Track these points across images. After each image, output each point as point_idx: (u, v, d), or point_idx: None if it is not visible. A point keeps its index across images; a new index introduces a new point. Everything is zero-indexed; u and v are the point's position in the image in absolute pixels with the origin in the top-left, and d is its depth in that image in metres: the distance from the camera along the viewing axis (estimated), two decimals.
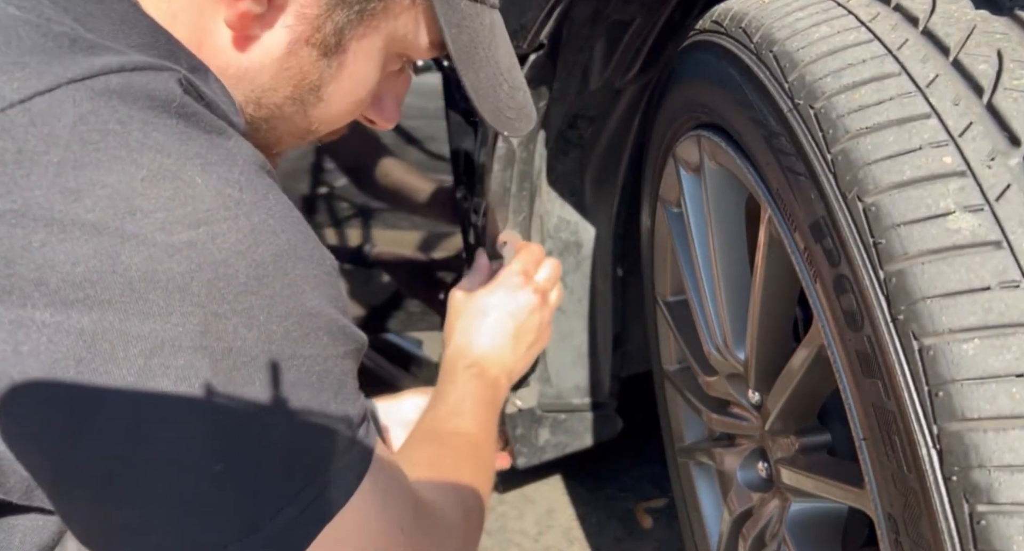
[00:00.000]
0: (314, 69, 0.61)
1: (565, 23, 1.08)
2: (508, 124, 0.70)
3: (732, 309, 0.98)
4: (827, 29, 0.70)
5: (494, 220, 1.25)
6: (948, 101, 0.60)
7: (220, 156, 0.46)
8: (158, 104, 0.44)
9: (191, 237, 0.43)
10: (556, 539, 1.63)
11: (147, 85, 0.44)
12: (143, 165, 0.43)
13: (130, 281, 0.41)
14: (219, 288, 0.44)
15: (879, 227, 0.59)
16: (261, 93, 0.60)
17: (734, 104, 0.81)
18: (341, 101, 0.64)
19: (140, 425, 0.43)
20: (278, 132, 0.65)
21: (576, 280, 1.39)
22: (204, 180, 0.44)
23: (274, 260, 0.47)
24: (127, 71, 0.44)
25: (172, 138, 0.44)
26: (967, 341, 0.54)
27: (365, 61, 0.63)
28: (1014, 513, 0.51)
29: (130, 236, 0.42)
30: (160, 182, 0.43)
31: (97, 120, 0.42)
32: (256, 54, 0.58)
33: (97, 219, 0.41)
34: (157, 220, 0.42)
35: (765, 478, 1.03)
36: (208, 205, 0.44)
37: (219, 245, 0.44)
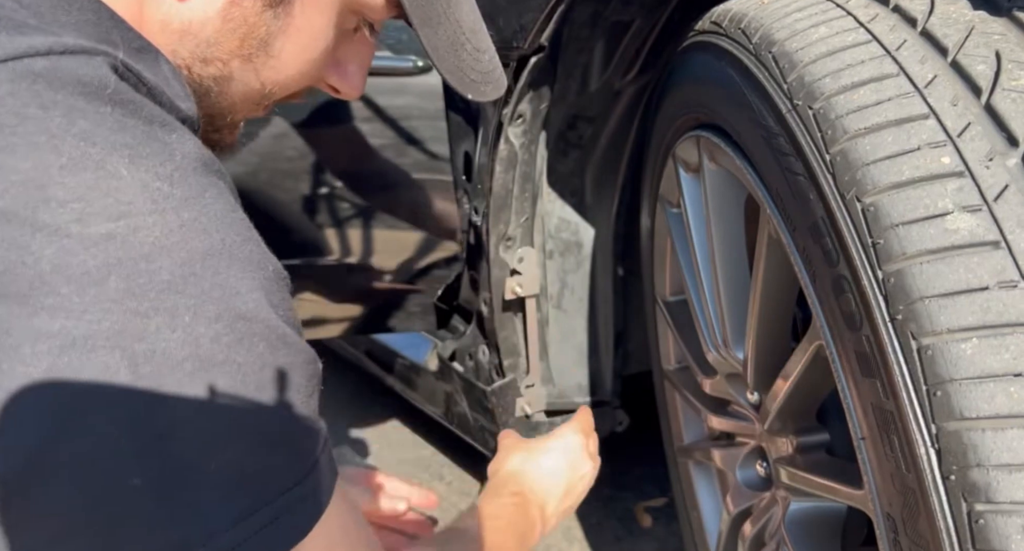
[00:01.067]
0: (259, 21, 0.57)
1: (565, 25, 1.08)
2: (472, 87, 0.67)
3: (731, 309, 0.98)
4: (826, 30, 0.70)
5: (494, 221, 1.25)
6: (946, 102, 0.61)
7: (154, 149, 0.43)
8: (89, 90, 0.42)
9: (110, 229, 0.40)
10: (556, 539, 1.64)
11: (76, 70, 0.42)
12: (63, 153, 0.40)
13: (40, 273, 0.38)
14: (140, 284, 0.40)
15: (878, 227, 0.59)
16: (206, 48, 0.57)
17: (733, 105, 0.81)
18: (294, 59, 0.61)
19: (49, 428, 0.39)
20: (230, 95, 0.61)
21: (577, 280, 1.40)
22: (130, 172, 0.41)
23: (204, 258, 0.43)
24: (55, 54, 0.41)
25: (101, 127, 0.41)
26: (965, 341, 0.54)
27: (315, 14, 0.60)
28: (1012, 512, 0.52)
29: (42, 226, 0.39)
30: (80, 171, 0.40)
31: (15, 103, 0.39)
32: (197, 4, 0.55)
33: (7, 206, 0.38)
34: (74, 210, 0.39)
35: (764, 477, 1.03)
36: (131, 197, 0.41)
37: (141, 239, 0.41)
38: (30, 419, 0.39)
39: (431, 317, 1.52)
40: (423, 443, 2.01)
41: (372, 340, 1.81)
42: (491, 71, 0.69)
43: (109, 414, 0.40)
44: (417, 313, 1.52)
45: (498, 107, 1.16)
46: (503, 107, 1.16)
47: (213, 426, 0.42)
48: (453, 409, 1.59)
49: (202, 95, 0.59)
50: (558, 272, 1.38)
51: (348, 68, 0.68)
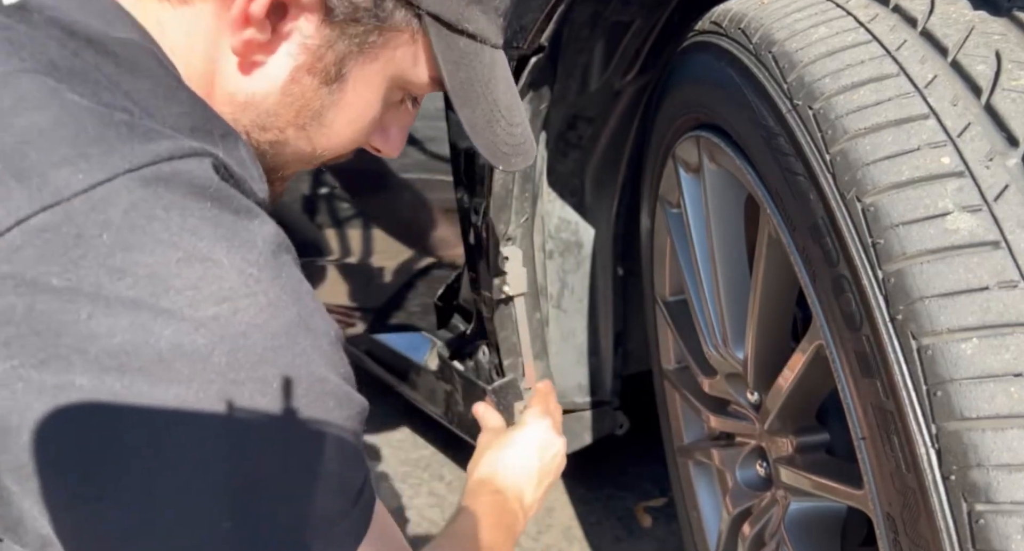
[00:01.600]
0: (315, 96, 0.64)
1: (565, 25, 1.08)
2: (504, 159, 0.73)
3: (731, 309, 0.98)
4: (826, 30, 0.70)
5: (495, 221, 1.25)
6: (947, 102, 0.61)
7: (244, 238, 0.51)
8: (197, 190, 0.49)
9: (216, 312, 0.48)
10: (556, 538, 1.64)
11: (190, 172, 0.50)
12: (180, 247, 0.48)
13: (159, 352, 0.46)
14: (238, 358, 0.48)
15: (878, 227, 0.59)
16: (266, 118, 0.64)
17: (733, 105, 0.81)
18: (343, 129, 0.68)
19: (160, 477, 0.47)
20: (283, 156, 0.68)
21: (577, 280, 1.40)
22: (229, 260, 0.49)
23: (286, 332, 0.51)
24: (175, 159, 0.49)
25: (205, 222, 0.49)
26: (965, 341, 0.54)
27: (365, 91, 0.67)
28: (1012, 512, 0.52)
29: (163, 311, 0.46)
30: (193, 263, 0.48)
31: (145, 206, 0.47)
32: (260, 80, 0.62)
33: (136, 296, 0.46)
34: (187, 297, 0.47)
35: (764, 477, 1.03)
36: (231, 283, 0.49)
37: (239, 319, 0.49)
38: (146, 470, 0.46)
39: (431, 317, 1.52)
40: (423, 443, 2.01)
41: (372, 340, 1.81)
42: (521, 143, 0.75)
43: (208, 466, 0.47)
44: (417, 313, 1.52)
45: None
46: None
47: (293, 475, 0.51)
48: (453, 409, 1.59)
49: (258, 155, 0.65)
50: (558, 272, 1.38)
51: (391, 132, 0.75)
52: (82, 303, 0.45)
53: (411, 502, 1.78)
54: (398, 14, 0.63)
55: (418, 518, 1.73)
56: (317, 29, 0.61)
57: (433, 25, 0.64)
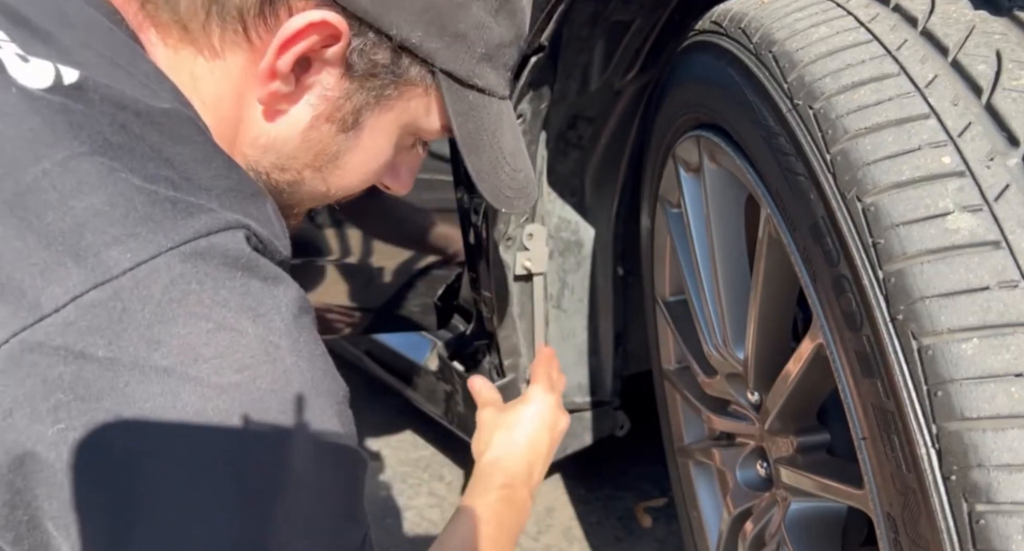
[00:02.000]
0: (333, 142, 0.69)
1: (565, 24, 1.08)
2: (506, 202, 0.78)
3: (732, 309, 0.98)
4: (826, 30, 0.70)
5: (495, 221, 1.25)
6: (947, 101, 0.61)
7: (268, 306, 0.55)
8: (230, 261, 0.54)
9: (238, 380, 0.52)
10: (556, 538, 1.64)
11: (224, 246, 0.54)
12: (211, 319, 0.52)
13: (184, 416, 0.50)
14: (254, 422, 0.53)
15: (878, 227, 0.59)
16: (285, 160, 0.69)
17: (733, 104, 0.81)
18: (356, 171, 0.73)
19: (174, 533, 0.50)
20: (299, 195, 0.74)
21: (577, 279, 1.40)
22: (253, 330, 0.54)
23: (298, 397, 0.55)
24: (212, 234, 0.54)
25: (234, 293, 0.53)
26: (966, 341, 0.54)
27: (380, 138, 0.71)
28: (1013, 512, 0.51)
29: (191, 378, 0.51)
30: (221, 333, 0.52)
31: (183, 281, 0.51)
32: (283, 126, 0.67)
33: (169, 364, 0.50)
34: (214, 366, 0.51)
35: (764, 478, 1.03)
36: (253, 351, 0.53)
37: (258, 385, 0.53)
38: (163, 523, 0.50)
39: (431, 317, 1.52)
40: (423, 443, 2.01)
41: (372, 340, 1.81)
42: (524, 187, 0.79)
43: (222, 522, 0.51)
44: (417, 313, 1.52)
45: None
46: None
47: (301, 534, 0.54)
48: (453, 409, 1.59)
49: (276, 194, 0.71)
50: (558, 272, 1.38)
51: (401, 171, 0.80)
52: (121, 372, 0.49)
53: (411, 502, 1.78)
54: (413, 70, 0.67)
55: (418, 518, 1.73)
56: (338, 82, 0.65)
57: (445, 80, 0.68)
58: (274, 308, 0.56)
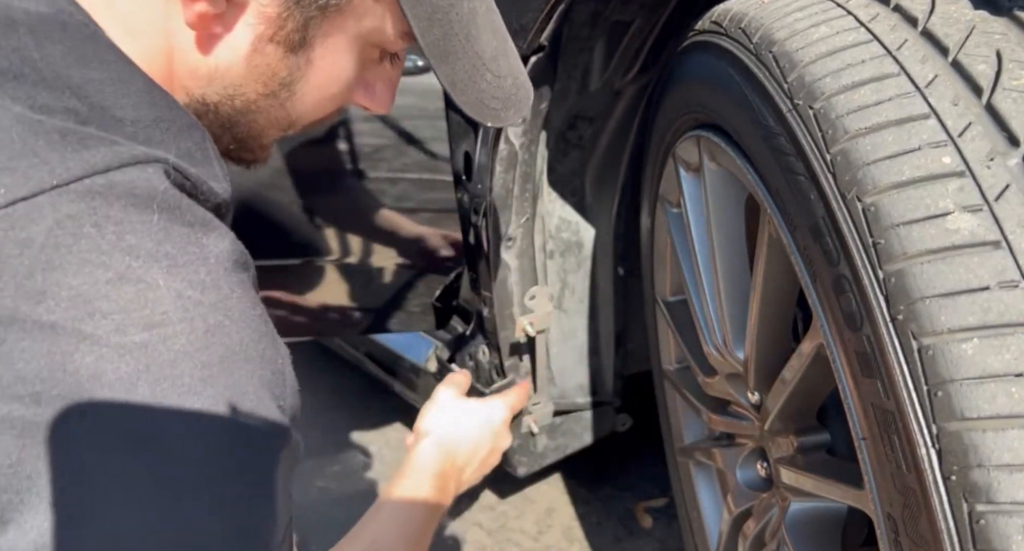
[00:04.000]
0: (282, 65, 0.61)
1: (565, 24, 1.08)
2: (492, 115, 0.68)
3: (732, 309, 0.98)
4: (826, 29, 0.70)
5: (495, 221, 1.25)
6: (947, 101, 0.61)
7: (191, 255, 0.48)
8: (139, 202, 0.46)
9: (144, 339, 0.44)
10: (556, 538, 1.64)
11: (131, 183, 0.46)
12: (111, 267, 0.44)
13: (79, 381, 0.43)
14: (163, 389, 0.45)
15: (878, 227, 0.59)
16: (234, 91, 0.61)
17: (733, 104, 0.81)
18: (315, 93, 0.65)
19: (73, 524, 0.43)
20: (258, 124, 0.65)
21: (577, 279, 1.40)
22: (167, 282, 0.46)
23: (221, 361, 0.48)
24: (113, 170, 0.46)
25: (145, 238, 0.46)
26: (966, 341, 0.54)
27: (336, 55, 0.63)
28: (1013, 512, 0.51)
29: (85, 337, 0.43)
30: (124, 284, 0.44)
31: (73, 224, 0.44)
32: (223, 53, 0.59)
33: (56, 320, 0.43)
34: (114, 321, 0.44)
35: (765, 478, 1.03)
36: (165, 307, 0.46)
37: (169, 346, 0.45)
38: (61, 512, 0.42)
39: (431, 317, 1.52)
40: None
41: (372, 341, 1.81)
42: (513, 94, 0.69)
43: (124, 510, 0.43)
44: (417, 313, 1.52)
45: None
46: None
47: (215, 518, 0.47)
48: None
49: (231, 126, 0.63)
50: (558, 272, 1.38)
51: (376, 88, 0.71)
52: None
53: None
54: None
55: None
56: None
57: None
58: (199, 258, 0.48)
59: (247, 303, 0.51)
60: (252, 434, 0.49)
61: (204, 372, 0.47)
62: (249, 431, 0.49)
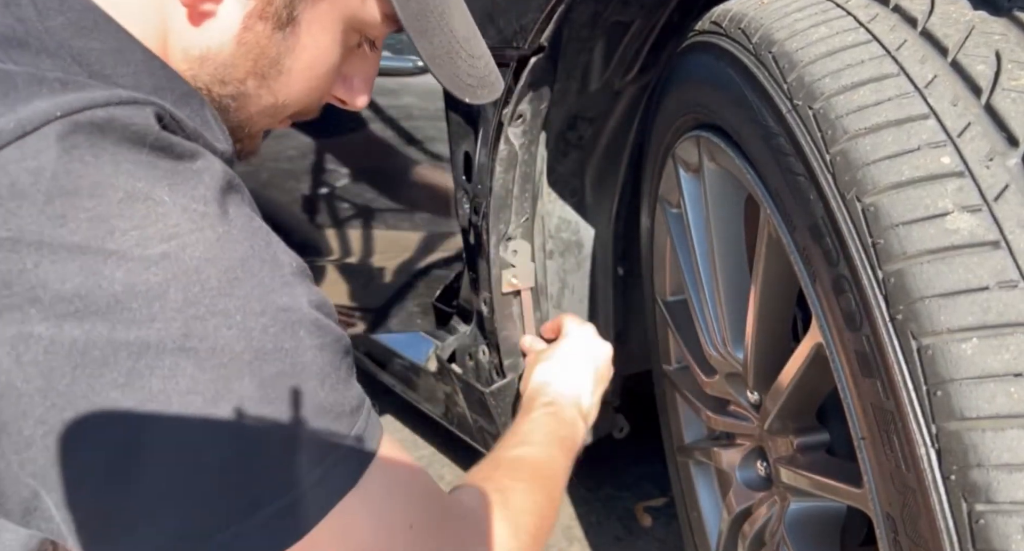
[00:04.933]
0: (270, 43, 0.64)
1: (565, 25, 1.08)
2: (469, 91, 0.72)
3: (731, 309, 0.98)
4: (826, 30, 0.70)
5: (495, 221, 1.25)
6: (946, 101, 0.61)
7: (185, 176, 0.50)
8: (134, 136, 0.48)
9: (164, 250, 0.47)
10: (556, 538, 1.64)
11: (127, 118, 0.48)
12: (119, 188, 0.47)
13: (114, 294, 0.45)
14: (195, 293, 0.48)
15: (878, 227, 0.59)
16: (224, 70, 0.64)
17: (733, 105, 0.81)
18: (303, 74, 0.67)
19: (132, 423, 0.46)
20: (247, 110, 0.68)
21: (577, 279, 1.40)
22: (172, 198, 0.49)
23: (241, 264, 0.50)
24: (112, 105, 0.48)
25: (140, 165, 0.48)
26: (965, 341, 0.54)
27: (321, 33, 0.66)
28: (1012, 512, 0.52)
29: (110, 253, 0.46)
30: (134, 203, 0.47)
31: (78, 152, 0.46)
32: (214, 31, 0.62)
33: (81, 240, 0.45)
34: (133, 237, 0.47)
35: (764, 477, 1.03)
36: (176, 220, 0.48)
37: (190, 254, 0.48)
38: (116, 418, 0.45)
39: (431, 317, 1.52)
40: (423, 443, 2.01)
41: (372, 341, 1.81)
42: (486, 76, 0.74)
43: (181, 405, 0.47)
44: (416, 313, 1.52)
45: (498, 107, 1.16)
46: (503, 107, 1.16)
47: (272, 406, 0.50)
48: (453, 409, 1.59)
49: (221, 111, 0.66)
50: (558, 272, 1.38)
51: (353, 81, 0.74)
52: (26, 252, 0.44)
53: None
54: None
55: None
56: None
57: None
58: (193, 177, 0.50)
59: (246, 215, 0.54)
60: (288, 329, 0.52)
61: (229, 275, 0.49)
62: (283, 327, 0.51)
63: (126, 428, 0.46)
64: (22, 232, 0.44)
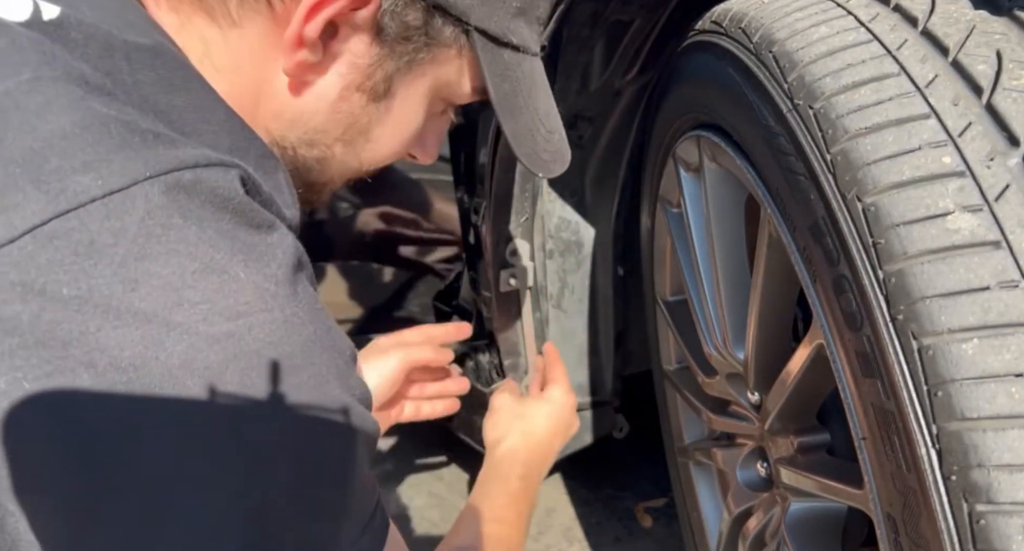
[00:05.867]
0: (363, 113, 0.65)
1: (565, 24, 1.08)
2: (544, 166, 0.73)
3: (732, 309, 0.98)
4: (826, 29, 0.70)
5: (495, 221, 1.25)
6: (947, 101, 0.61)
7: (261, 251, 0.49)
8: (218, 200, 0.48)
9: (230, 329, 0.46)
10: (556, 538, 1.64)
11: (214, 182, 0.48)
12: (196, 258, 0.46)
13: (170, 368, 0.44)
14: (251, 378, 0.47)
15: (878, 227, 0.59)
16: (314, 135, 0.64)
17: (733, 104, 0.81)
18: (388, 142, 0.69)
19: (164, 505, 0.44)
20: (329, 172, 0.69)
21: (577, 279, 1.40)
22: (246, 275, 0.48)
23: (302, 351, 0.50)
24: (200, 167, 0.47)
25: (222, 234, 0.47)
26: (966, 341, 0.54)
27: (412, 105, 0.67)
28: (1013, 512, 0.51)
29: (175, 325, 0.44)
30: (209, 275, 0.46)
31: (163, 214, 0.45)
32: (310, 98, 0.62)
33: (148, 308, 0.44)
34: (201, 311, 0.45)
35: (764, 478, 1.03)
36: (248, 298, 0.47)
37: (255, 336, 0.47)
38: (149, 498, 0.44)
39: (431, 317, 1.52)
40: (423, 443, 2.01)
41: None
42: (559, 149, 0.75)
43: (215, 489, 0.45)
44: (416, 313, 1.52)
45: None
46: None
47: (302, 503, 0.49)
48: None
49: (304, 171, 0.67)
50: (558, 272, 1.38)
51: (428, 139, 0.75)
52: (91, 314, 0.43)
53: (411, 503, 1.78)
54: (447, 30, 0.63)
55: (418, 519, 1.73)
56: (368, 48, 0.61)
57: (480, 39, 0.64)
58: (268, 254, 0.50)
59: (312, 297, 0.53)
60: (335, 424, 0.51)
61: (289, 362, 0.48)
62: (331, 422, 0.51)
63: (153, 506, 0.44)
64: (92, 293, 0.43)
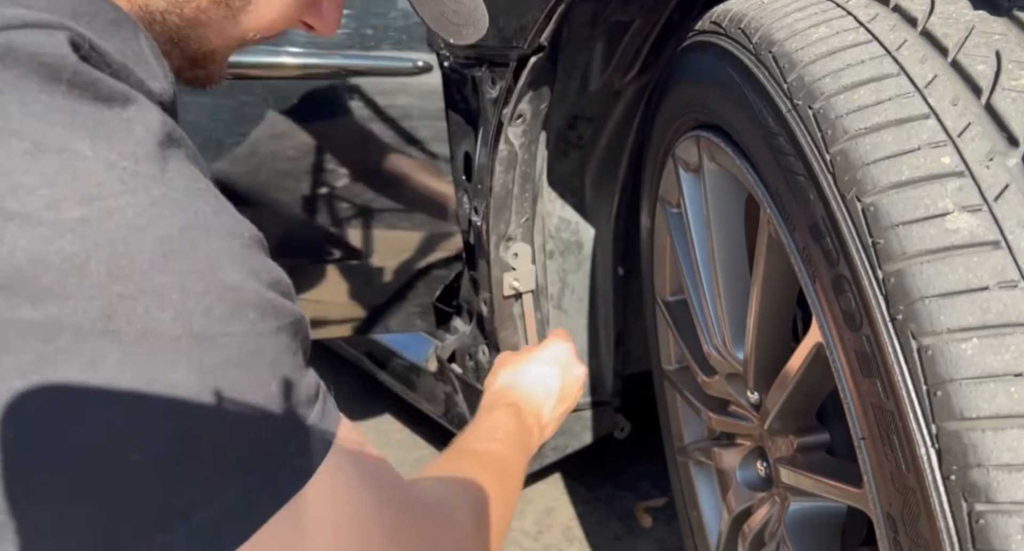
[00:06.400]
0: None
1: (565, 25, 1.08)
2: (454, 30, 0.68)
3: (731, 309, 0.98)
4: (826, 30, 0.70)
5: (495, 221, 1.25)
6: (947, 101, 0.61)
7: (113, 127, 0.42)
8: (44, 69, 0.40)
9: (84, 214, 0.39)
10: (556, 538, 1.64)
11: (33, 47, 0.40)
12: (24, 137, 0.39)
13: (17, 265, 0.37)
14: (121, 267, 0.40)
15: (878, 227, 0.59)
16: None
17: (733, 104, 0.81)
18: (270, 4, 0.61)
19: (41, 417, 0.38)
20: (210, 42, 0.61)
21: (577, 279, 1.40)
22: (94, 152, 0.40)
23: (181, 234, 0.42)
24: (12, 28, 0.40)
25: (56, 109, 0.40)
26: (965, 341, 0.54)
27: None
28: (1012, 512, 0.51)
29: (13, 215, 0.38)
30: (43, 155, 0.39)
31: None
32: None
33: None
34: (43, 197, 0.38)
35: (764, 477, 1.03)
36: (100, 178, 0.40)
37: (116, 221, 0.40)
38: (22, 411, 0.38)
39: (431, 317, 1.52)
40: (423, 443, 2.01)
41: (372, 341, 1.81)
42: (471, 13, 0.69)
43: (101, 398, 0.39)
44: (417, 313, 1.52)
45: (498, 107, 1.16)
46: (503, 107, 1.16)
47: (212, 398, 0.42)
48: (452, 410, 1.59)
49: (183, 43, 0.58)
50: (558, 272, 1.38)
51: (323, 6, 0.67)
52: None
53: None
54: None
55: None
56: None
57: None
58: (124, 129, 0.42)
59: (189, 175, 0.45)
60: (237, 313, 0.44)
61: (165, 247, 0.41)
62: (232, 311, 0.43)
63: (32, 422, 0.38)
64: None
